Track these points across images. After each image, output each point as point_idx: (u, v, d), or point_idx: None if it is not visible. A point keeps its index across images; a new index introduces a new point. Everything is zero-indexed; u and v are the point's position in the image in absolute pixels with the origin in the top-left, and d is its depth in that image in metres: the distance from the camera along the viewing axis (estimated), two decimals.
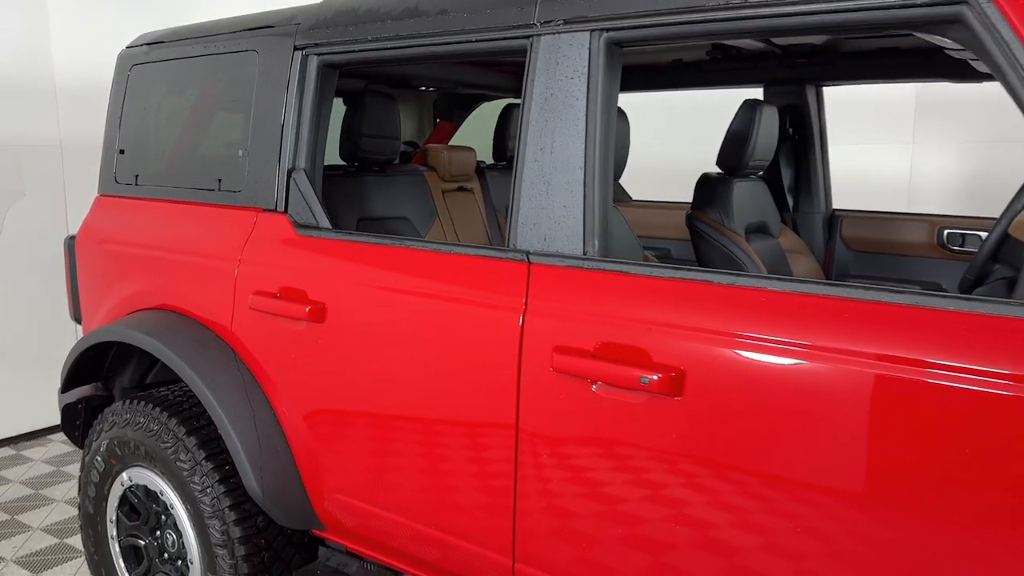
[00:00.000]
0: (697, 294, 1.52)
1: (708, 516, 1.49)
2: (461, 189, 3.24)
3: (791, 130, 2.98)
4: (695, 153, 4.17)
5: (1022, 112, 1.27)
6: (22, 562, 3.25)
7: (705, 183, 2.71)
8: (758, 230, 2.76)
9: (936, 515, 1.26)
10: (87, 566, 2.72)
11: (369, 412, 2.00)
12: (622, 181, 3.54)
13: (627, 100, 3.42)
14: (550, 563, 1.73)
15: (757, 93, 3.29)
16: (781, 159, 3.00)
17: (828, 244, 3.06)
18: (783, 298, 1.43)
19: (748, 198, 2.67)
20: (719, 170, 2.71)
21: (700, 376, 1.48)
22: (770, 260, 2.64)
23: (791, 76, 2.97)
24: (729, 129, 2.62)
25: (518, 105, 2.63)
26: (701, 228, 2.63)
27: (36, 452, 4.44)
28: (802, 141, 3.05)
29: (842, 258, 3.06)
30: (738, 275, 1.49)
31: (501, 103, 3.49)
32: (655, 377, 1.50)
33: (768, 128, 2.59)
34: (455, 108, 3.79)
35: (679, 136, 5.47)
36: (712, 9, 1.52)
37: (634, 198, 3.62)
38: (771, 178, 3.02)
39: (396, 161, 2.74)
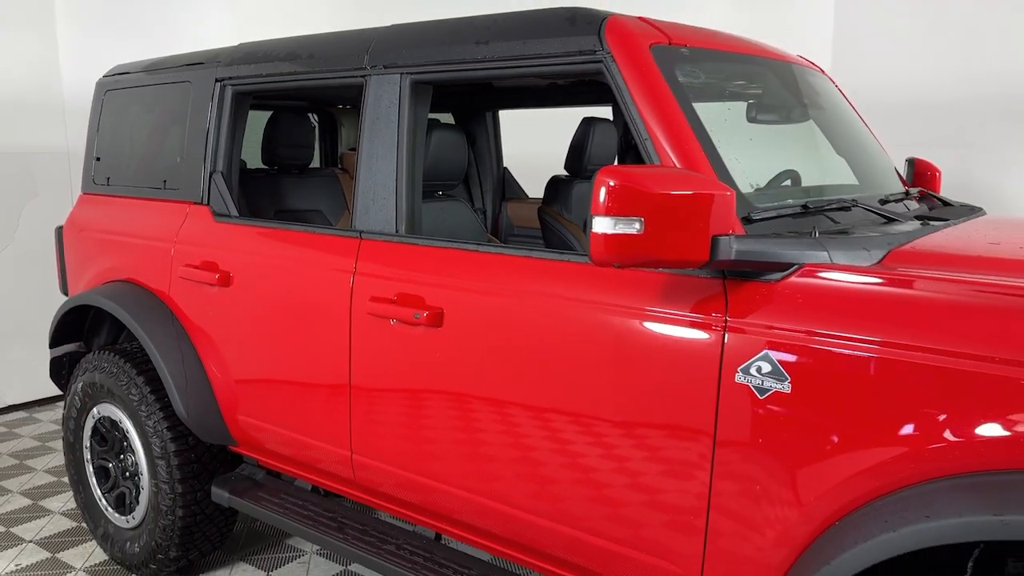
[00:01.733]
0: (457, 258, 2.20)
1: (468, 404, 2.16)
2: None
3: None
4: None
5: (631, 126, 1.90)
6: (27, 494, 4.01)
7: (553, 183, 3.36)
8: None
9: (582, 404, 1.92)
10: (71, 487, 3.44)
11: (260, 353, 2.70)
12: (523, 181, 4.20)
13: (545, 112, 4.05)
14: (374, 451, 2.41)
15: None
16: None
17: None
18: (502, 259, 2.10)
19: (587, 195, 3.31)
20: (567, 173, 3.36)
21: (454, 314, 2.16)
22: None
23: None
24: (572, 140, 3.28)
25: None
26: (547, 219, 3.29)
27: (45, 415, 5.21)
28: None
29: None
30: (480, 245, 2.17)
31: None
32: (424, 314, 2.18)
33: (601, 139, 3.24)
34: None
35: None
36: (454, 62, 2.21)
37: (530, 196, 4.27)
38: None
39: (311, 165, 3.44)
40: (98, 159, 3.46)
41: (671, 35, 2.05)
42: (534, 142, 4.45)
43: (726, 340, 1.70)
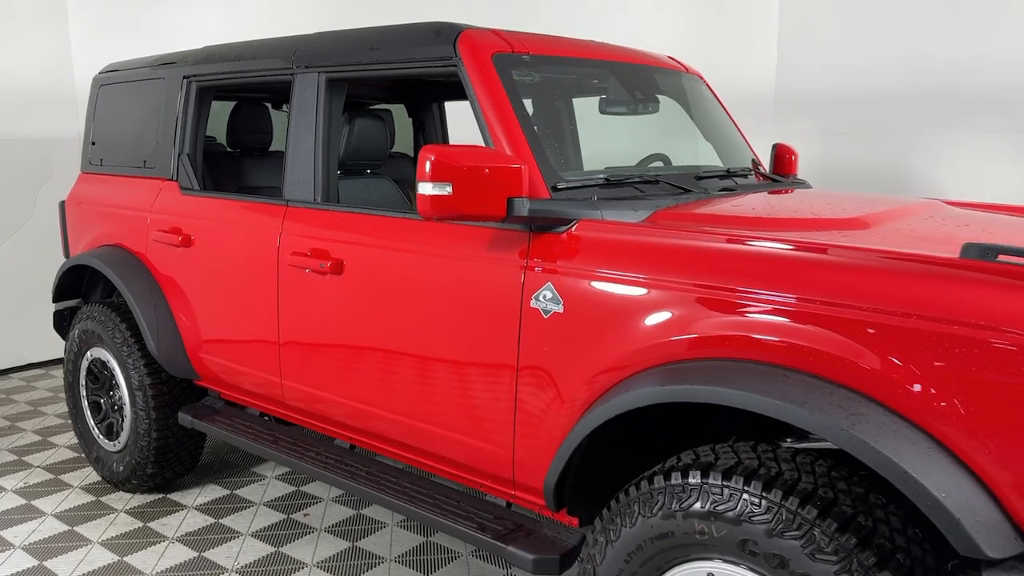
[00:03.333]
0: (352, 220, 2.78)
1: (359, 332, 2.75)
2: None
3: None
4: None
5: (475, 116, 2.46)
6: (38, 432, 4.68)
7: None
8: None
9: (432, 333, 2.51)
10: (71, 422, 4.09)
11: (214, 301, 3.31)
12: None
13: None
14: (297, 376, 3.01)
15: None
16: None
17: None
18: (379, 219, 2.68)
19: None
20: None
21: (350, 264, 2.75)
22: None
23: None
24: None
25: None
26: None
27: (58, 372, 5.89)
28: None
29: None
30: (373, 210, 2.75)
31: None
32: (328, 264, 2.77)
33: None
34: None
35: None
36: (356, 64, 2.79)
37: None
38: None
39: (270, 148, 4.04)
40: (94, 143, 4.08)
41: (515, 44, 2.61)
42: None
43: (525, 276, 2.28)
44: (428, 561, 3.24)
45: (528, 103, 2.56)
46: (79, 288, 4.16)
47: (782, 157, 3.56)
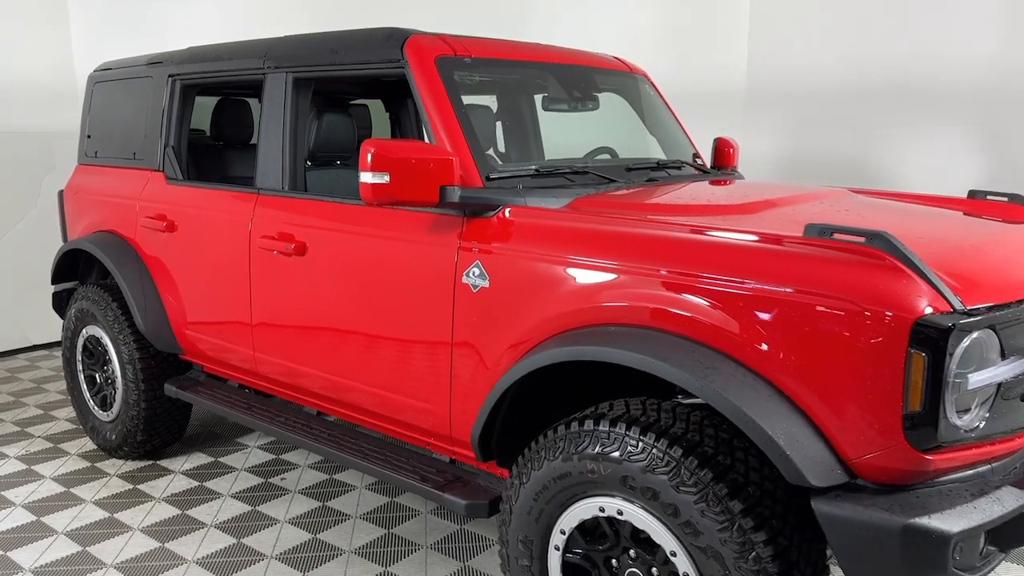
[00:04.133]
0: (314, 207, 3.09)
1: (319, 307, 3.06)
2: None
3: None
4: None
5: (419, 113, 2.76)
6: (40, 406, 5.02)
7: None
8: None
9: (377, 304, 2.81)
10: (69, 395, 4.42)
11: (195, 280, 3.62)
12: None
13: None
14: (268, 348, 3.32)
15: None
16: None
17: None
18: (333, 206, 2.99)
19: None
20: None
21: (312, 246, 3.05)
22: None
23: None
24: None
25: None
26: None
27: (61, 352, 6.21)
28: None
29: None
30: (332, 197, 3.06)
31: None
32: (292, 246, 3.08)
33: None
34: None
35: None
36: (319, 65, 3.09)
37: None
38: None
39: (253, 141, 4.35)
40: (89, 137, 4.40)
41: (457, 48, 2.91)
42: None
43: (458, 255, 2.58)
44: (391, 518, 3.55)
45: (480, 100, 2.87)
46: (76, 271, 4.48)
47: (721, 150, 3.85)
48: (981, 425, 1.89)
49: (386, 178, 2.45)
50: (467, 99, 2.83)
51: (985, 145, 5.59)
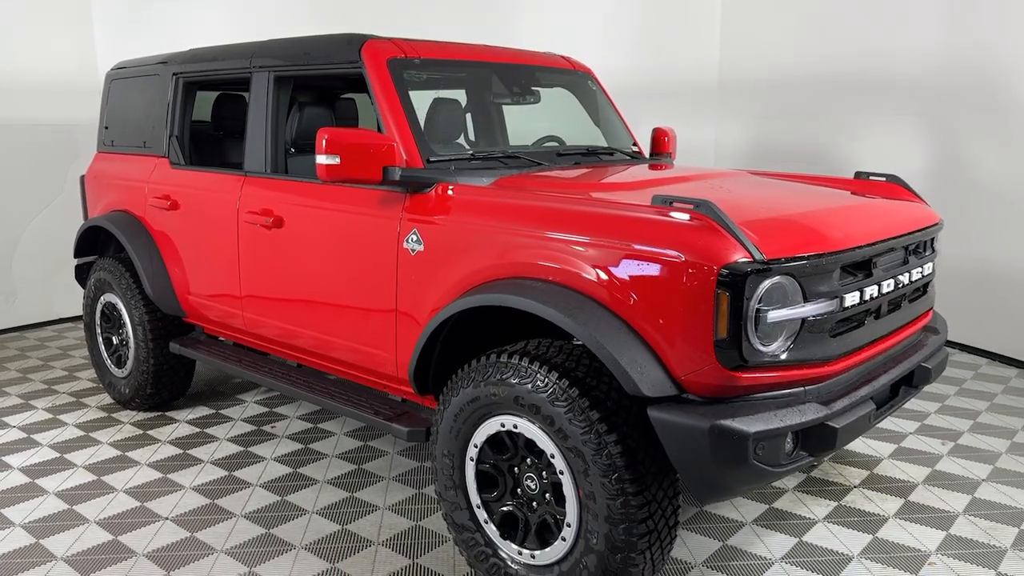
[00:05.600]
0: (288, 186, 3.64)
1: (293, 271, 3.61)
2: None
3: None
4: None
5: (373, 108, 3.29)
6: (66, 368, 5.64)
7: None
8: None
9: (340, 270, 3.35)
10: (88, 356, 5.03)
11: (194, 251, 4.20)
12: None
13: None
14: (253, 308, 3.89)
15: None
16: None
17: None
18: (302, 184, 3.53)
19: None
20: None
21: (287, 219, 3.60)
22: None
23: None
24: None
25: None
26: None
27: None
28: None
29: None
30: (304, 178, 3.60)
31: None
32: (271, 220, 3.63)
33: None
34: None
35: None
36: (293, 65, 3.63)
37: None
38: None
39: None
40: (106, 128, 4.99)
41: (408, 50, 3.43)
42: None
43: (400, 224, 3.11)
44: (363, 456, 4.11)
45: (433, 95, 3.41)
46: (96, 246, 5.08)
47: (658, 139, 4.35)
48: (785, 353, 2.39)
49: (337, 160, 2.99)
50: (435, 93, 3.38)
51: (931, 132, 6.02)
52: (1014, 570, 3.04)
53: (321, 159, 3.00)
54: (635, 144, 4.22)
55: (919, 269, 2.98)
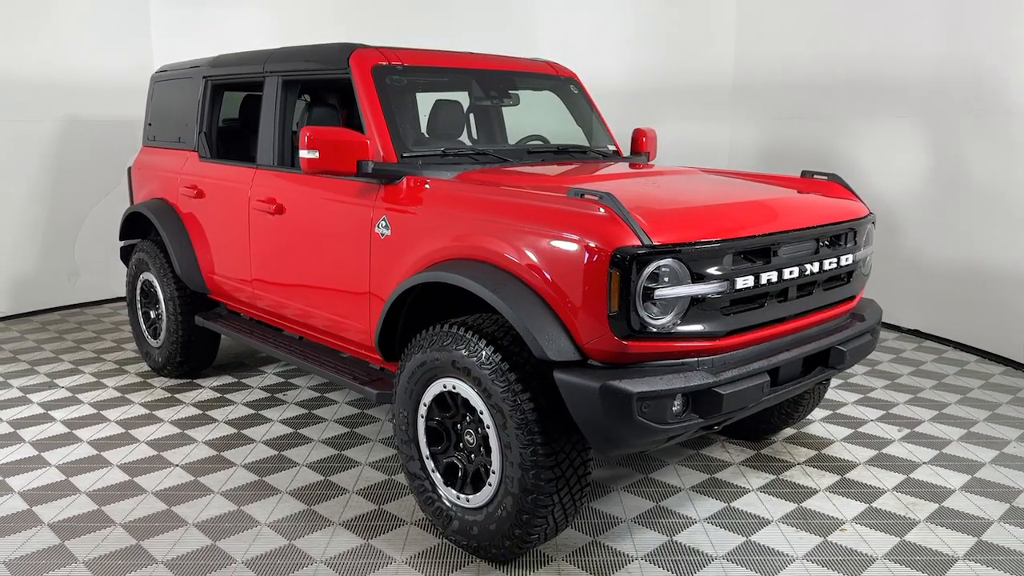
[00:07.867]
0: (292, 178, 4.12)
1: (292, 251, 4.09)
2: None
3: None
4: None
5: (358, 110, 3.73)
6: (115, 340, 6.28)
7: None
8: None
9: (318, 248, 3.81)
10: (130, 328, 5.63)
11: (216, 234, 4.73)
12: None
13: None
14: (261, 285, 4.39)
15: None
16: None
17: None
18: (296, 176, 4.01)
19: None
20: None
21: (287, 206, 4.09)
22: None
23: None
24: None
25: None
26: None
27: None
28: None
29: None
30: (301, 170, 4.07)
31: None
32: (274, 207, 4.12)
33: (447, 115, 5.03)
34: None
35: None
36: (296, 71, 4.11)
37: None
38: None
39: None
40: (150, 124, 5.58)
41: (391, 58, 3.87)
42: None
43: (373, 212, 3.55)
44: (357, 422, 4.57)
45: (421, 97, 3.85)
46: (138, 229, 5.67)
47: (637, 139, 4.69)
48: (676, 327, 2.74)
49: (316, 154, 3.44)
50: (432, 96, 3.84)
51: (927, 133, 6.18)
52: (920, 539, 3.31)
53: (303, 153, 3.46)
54: (613, 143, 4.57)
55: (833, 259, 3.27)
